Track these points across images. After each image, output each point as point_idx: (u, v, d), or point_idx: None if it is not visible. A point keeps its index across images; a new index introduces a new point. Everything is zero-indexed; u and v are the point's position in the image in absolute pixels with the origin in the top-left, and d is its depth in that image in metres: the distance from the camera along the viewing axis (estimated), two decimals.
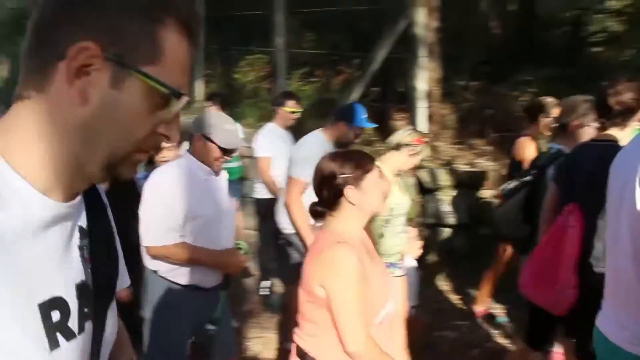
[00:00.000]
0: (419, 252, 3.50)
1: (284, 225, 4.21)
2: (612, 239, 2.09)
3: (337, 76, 9.82)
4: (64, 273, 0.83)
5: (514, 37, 11.16)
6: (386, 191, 2.21)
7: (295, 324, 2.12)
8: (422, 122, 7.50)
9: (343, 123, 4.07)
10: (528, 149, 4.27)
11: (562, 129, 3.40)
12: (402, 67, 8.13)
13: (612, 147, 2.62)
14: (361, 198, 2.10)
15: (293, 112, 5.27)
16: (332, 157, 2.18)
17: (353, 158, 2.14)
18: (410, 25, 7.57)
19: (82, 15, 0.77)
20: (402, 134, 3.68)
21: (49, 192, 0.80)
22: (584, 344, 2.71)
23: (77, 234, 0.88)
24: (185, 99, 0.84)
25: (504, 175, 4.77)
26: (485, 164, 7.52)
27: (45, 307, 0.77)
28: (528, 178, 3.82)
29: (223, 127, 2.93)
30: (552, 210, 2.98)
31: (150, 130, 0.84)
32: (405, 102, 7.91)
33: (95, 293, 0.89)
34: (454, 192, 6.65)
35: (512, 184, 3.95)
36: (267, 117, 8.85)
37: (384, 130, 6.83)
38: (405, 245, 3.52)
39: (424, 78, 7.57)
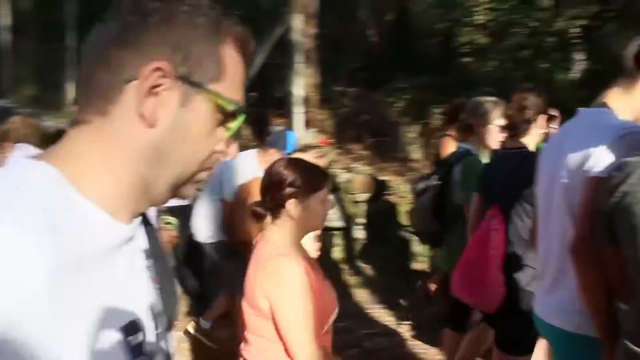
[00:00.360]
0: (317, 254, 3.53)
1: (199, 235, 4.20)
2: (544, 224, 2.23)
3: None
4: (136, 295, 0.83)
5: (390, 45, 11.58)
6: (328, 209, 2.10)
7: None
8: (300, 127, 7.58)
9: (275, 150, 4.01)
10: (449, 149, 4.41)
11: (468, 130, 3.56)
12: (279, 73, 8.20)
13: (520, 154, 2.90)
14: (302, 214, 2.00)
15: None
16: (287, 163, 2.07)
17: (306, 172, 2.03)
18: (287, 31, 7.64)
19: (150, 36, 0.77)
20: (308, 136, 3.70)
21: (116, 215, 0.78)
22: (505, 335, 2.94)
23: (142, 255, 0.88)
24: (244, 115, 0.85)
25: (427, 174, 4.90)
26: (361, 168, 7.73)
27: (126, 331, 0.77)
28: (437, 176, 3.89)
29: None
30: (477, 217, 3.13)
31: (212, 148, 0.84)
32: (283, 107, 7.97)
33: (163, 314, 0.89)
34: (331, 196, 6.76)
35: (423, 183, 4.07)
36: None
37: (262, 135, 6.84)
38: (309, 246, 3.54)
39: (301, 84, 7.66)
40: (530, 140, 2.96)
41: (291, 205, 1.99)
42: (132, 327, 0.78)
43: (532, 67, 9.46)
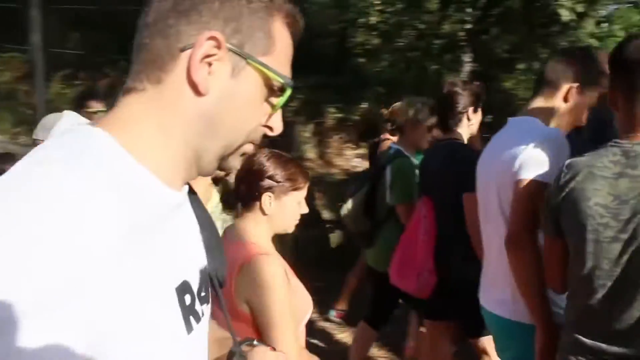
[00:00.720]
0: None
1: None
2: (483, 223, 2.45)
3: (103, 79, 9.28)
4: (188, 258, 0.86)
5: None
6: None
7: None
8: None
9: None
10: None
11: (399, 131, 3.65)
12: None
13: (452, 145, 3.07)
14: (276, 211, 1.94)
15: (97, 113, 4.79)
16: (269, 155, 1.98)
17: (289, 168, 1.96)
18: None
19: (205, 7, 0.80)
20: None
21: (170, 182, 0.81)
22: (468, 323, 3.01)
23: (192, 222, 0.92)
24: (290, 91, 0.86)
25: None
26: None
27: (180, 291, 0.80)
28: (369, 176, 3.94)
29: None
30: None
31: (260, 121, 0.87)
32: None
33: (211, 277, 0.93)
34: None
35: (355, 183, 4.06)
36: (25, 122, 8.04)
37: None
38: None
39: None
40: (462, 132, 3.12)
41: (267, 199, 1.91)
42: (185, 288, 0.82)
43: (422, 68, 9.74)
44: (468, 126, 3.13)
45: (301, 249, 6.35)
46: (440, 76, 9.93)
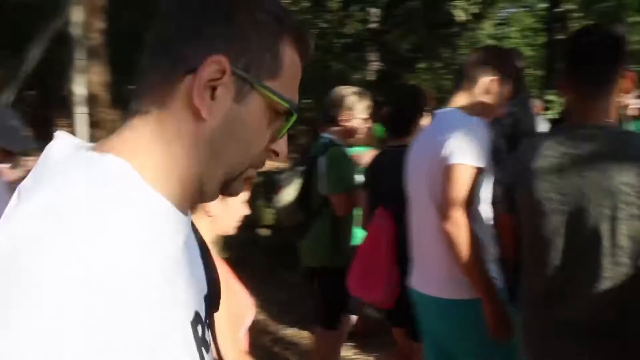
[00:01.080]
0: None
1: None
2: (414, 211, 2.57)
3: None
4: (196, 287, 0.85)
5: None
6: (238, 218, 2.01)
7: None
8: (82, 128, 7.02)
9: None
10: None
11: (332, 121, 3.54)
12: (63, 70, 7.54)
13: (403, 151, 3.02)
14: (221, 212, 1.90)
15: None
16: None
17: None
18: (67, 25, 7.02)
19: (211, 29, 0.77)
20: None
21: (181, 209, 0.79)
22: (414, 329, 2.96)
23: (197, 248, 0.91)
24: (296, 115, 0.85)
25: None
26: None
27: (194, 324, 0.78)
28: (301, 168, 3.74)
29: (7, 124, 2.59)
30: (366, 215, 3.31)
31: (264, 146, 0.84)
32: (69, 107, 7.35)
33: (211, 303, 0.92)
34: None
35: (285, 174, 3.87)
36: None
37: (45, 138, 6.21)
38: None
39: (84, 82, 7.09)
40: (411, 138, 3.08)
41: None
42: (198, 320, 0.80)
43: (326, 67, 9.79)
44: (415, 132, 3.14)
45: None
46: (344, 75, 10.02)
